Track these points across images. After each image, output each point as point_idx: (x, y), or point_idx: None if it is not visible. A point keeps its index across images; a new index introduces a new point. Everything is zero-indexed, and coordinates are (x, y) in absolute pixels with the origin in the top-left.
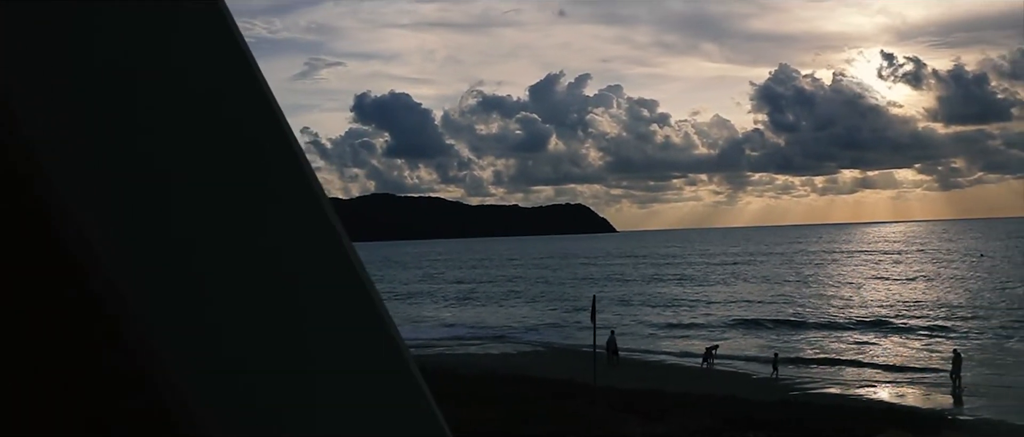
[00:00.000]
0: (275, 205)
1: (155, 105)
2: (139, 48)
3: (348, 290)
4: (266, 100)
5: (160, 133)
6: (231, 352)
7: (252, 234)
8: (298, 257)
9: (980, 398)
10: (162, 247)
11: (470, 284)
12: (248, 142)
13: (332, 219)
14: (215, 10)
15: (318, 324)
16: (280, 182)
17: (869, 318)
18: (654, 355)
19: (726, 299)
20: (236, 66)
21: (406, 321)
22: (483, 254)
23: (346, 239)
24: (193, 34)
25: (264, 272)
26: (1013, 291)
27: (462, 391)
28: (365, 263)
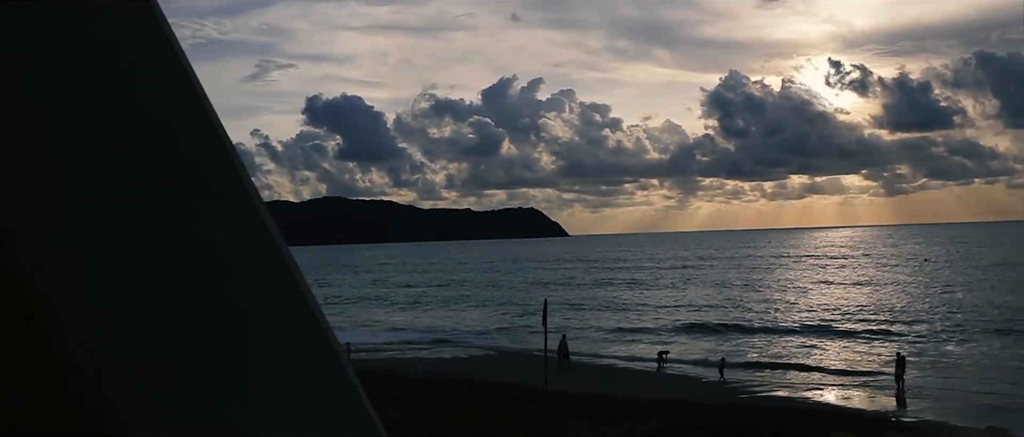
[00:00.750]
0: (207, 204)
1: (84, 104)
2: (68, 47)
3: (281, 290)
4: (198, 100)
5: (89, 132)
6: (160, 352)
7: (183, 233)
8: (230, 256)
9: (923, 400)
10: (90, 247)
11: (421, 288)
12: (180, 141)
13: (265, 219)
14: (147, 10)
15: (250, 324)
16: (212, 181)
17: (815, 322)
18: (605, 359)
19: (675, 303)
20: (168, 66)
21: (356, 325)
22: (435, 258)
23: (279, 238)
24: (124, 33)
25: (195, 272)
26: (954, 295)
27: (412, 394)
28: (315, 267)
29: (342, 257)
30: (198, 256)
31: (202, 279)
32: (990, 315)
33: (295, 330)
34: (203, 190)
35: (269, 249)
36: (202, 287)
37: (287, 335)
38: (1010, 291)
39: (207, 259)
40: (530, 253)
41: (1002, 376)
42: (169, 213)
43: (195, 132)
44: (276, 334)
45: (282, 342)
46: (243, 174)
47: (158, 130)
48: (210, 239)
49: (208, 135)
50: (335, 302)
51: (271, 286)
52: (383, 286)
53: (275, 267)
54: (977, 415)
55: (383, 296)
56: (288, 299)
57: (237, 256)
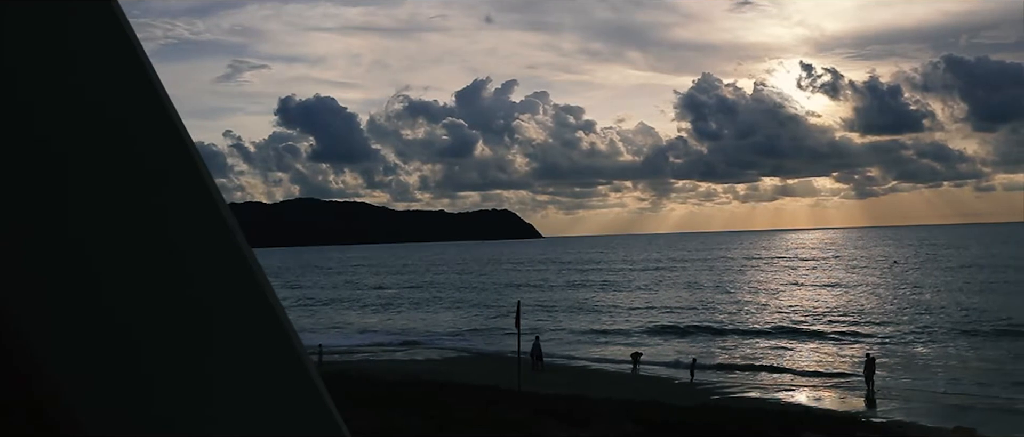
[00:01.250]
0: (168, 205)
1: (43, 104)
2: (27, 46)
3: (243, 290)
4: (159, 100)
5: (47, 132)
6: (120, 354)
7: (143, 234)
8: (192, 257)
9: (892, 400)
10: (50, 247)
11: (394, 289)
12: (140, 141)
13: (228, 219)
14: (107, 10)
15: (212, 325)
16: (174, 181)
17: (786, 324)
18: (578, 361)
19: (648, 305)
20: (128, 65)
21: (329, 327)
22: (408, 259)
23: (242, 239)
24: (84, 33)
25: (156, 272)
26: (923, 297)
27: (385, 396)
28: (287, 268)
29: (315, 259)
30: (159, 257)
31: (163, 280)
32: (958, 316)
33: (257, 331)
34: (164, 190)
35: (231, 250)
36: (163, 288)
37: (249, 336)
38: (977, 293)
39: (168, 260)
40: (504, 255)
41: (969, 377)
42: (130, 213)
43: (156, 132)
44: (238, 335)
45: (244, 343)
46: (205, 174)
47: (118, 130)
48: (171, 239)
49: (169, 135)
50: (307, 304)
51: (233, 286)
52: (356, 288)
53: (237, 268)
54: (945, 415)
55: (356, 298)
56: (250, 299)
57: (198, 256)
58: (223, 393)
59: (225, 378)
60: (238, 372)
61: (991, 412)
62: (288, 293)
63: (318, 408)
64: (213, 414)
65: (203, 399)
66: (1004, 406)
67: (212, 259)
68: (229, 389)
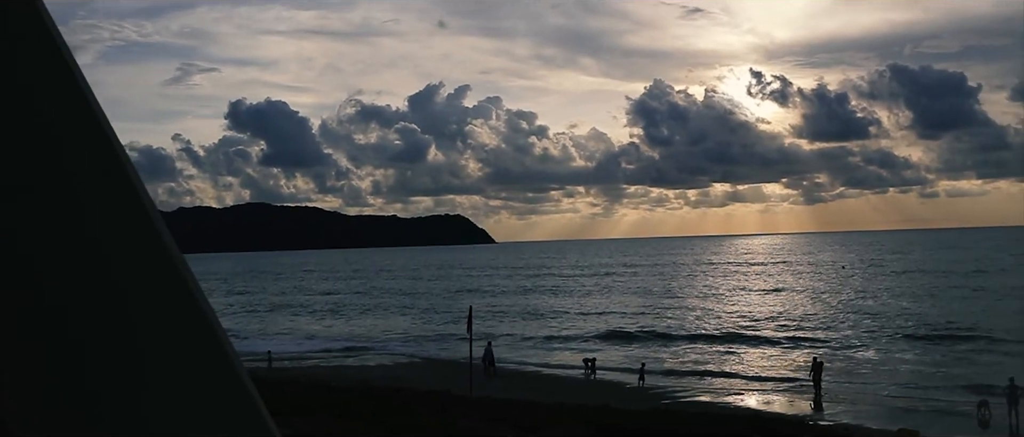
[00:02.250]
0: (95, 208)
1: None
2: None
3: (171, 293)
4: (86, 101)
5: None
6: (45, 357)
7: (69, 237)
8: (117, 260)
9: (839, 404)
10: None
11: (345, 295)
12: (64, 143)
13: (155, 221)
14: (32, 10)
15: (139, 328)
16: (100, 184)
17: (735, 329)
18: (530, 366)
19: (599, 311)
20: (54, 67)
21: (278, 333)
22: (360, 265)
23: (170, 241)
24: (8, 35)
25: (81, 276)
26: (869, 302)
27: (335, 403)
28: (235, 274)
29: (265, 264)
30: (84, 260)
31: (88, 283)
32: (901, 321)
33: (186, 334)
34: (90, 193)
35: (159, 252)
36: (88, 291)
37: (177, 339)
38: (920, 298)
39: (93, 263)
40: (456, 260)
41: (913, 380)
42: (53, 216)
43: (81, 133)
44: (166, 338)
45: (172, 346)
46: (133, 176)
47: (42, 131)
48: (96, 242)
49: (96, 136)
50: (256, 310)
51: (161, 289)
52: (306, 293)
53: (165, 271)
54: (890, 418)
55: (306, 303)
56: (178, 302)
57: (125, 260)
58: (152, 396)
59: (154, 380)
60: (167, 374)
61: (934, 414)
62: (237, 299)
63: (248, 410)
64: (142, 416)
65: (132, 402)
66: (946, 408)
67: (139, 261)
68: (158, 392)
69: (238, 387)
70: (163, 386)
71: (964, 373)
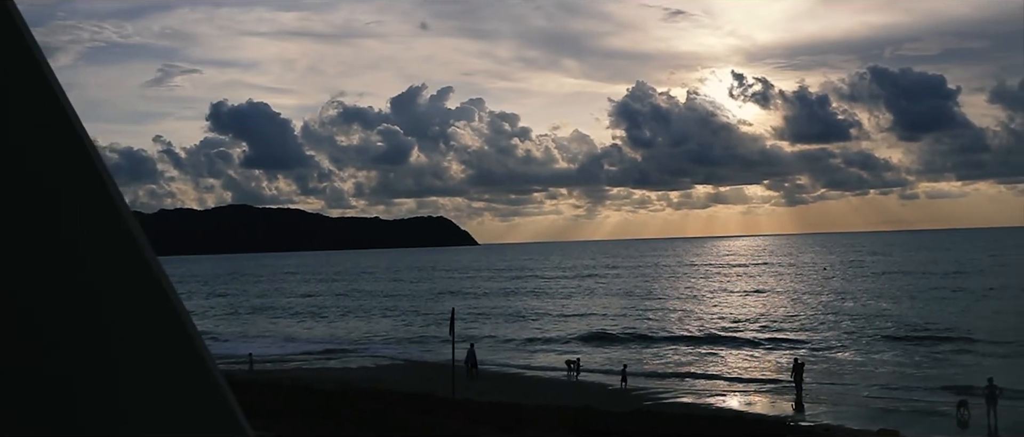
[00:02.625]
0: (67, 209)
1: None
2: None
3: (144, 294)
4: (57, 101)
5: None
6: (15, 358)
7: (41, 238)
8: (91, 261)
9: (820, 404)
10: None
11: (327, 297)
12: (35, 142)
13: (128, 221)
14: (2, 10)
15: (111, 329)
16: (72, 184)
17: (717, 330)
18: (512, 368)
19: (582, 312)
20: (24, 66)
21: (260, 335)
22: (342, 267)
23: (144, 242)
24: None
25: (55, 278)
26: (850, 303)
27: (318, 405)
28: (216, 276)
29: (246, 266)
30: (57, 260)
31: (61, 284)
32: (882, 322)
33: (159, 334)
34: (63, 194)
35: (132, 253)
36: (62, 292)
37: (150, 339)
38: (900, 299)
39: (66, 263)
40: (439, 262)
41: (893, 380)
42: (25, 217)
43: (53, 134)
44: (139, 338)
45: (145, 346)
46: (105, 175)
47: (12, 131)
48: (69, 243)
49: (67, 137)
50: (238, 312)
51: (134, 290)
52: (288, 296)
53: (139, 271)
54: (871, 418)
55: (288, 306)
56: (152, 303)
57: (98, 260)
58: (125, 396)
59: (127, 381)
60: (140, 375)
61: (914, 415)
62: (218, 301)
63: (222, 410)
64: (116, 417)
65: (104, 402)
66: (926, 408)
67: (112, 262)
68: (131, 392)
69: (211, 388)
70: (136, 386)
71: (943, 374)
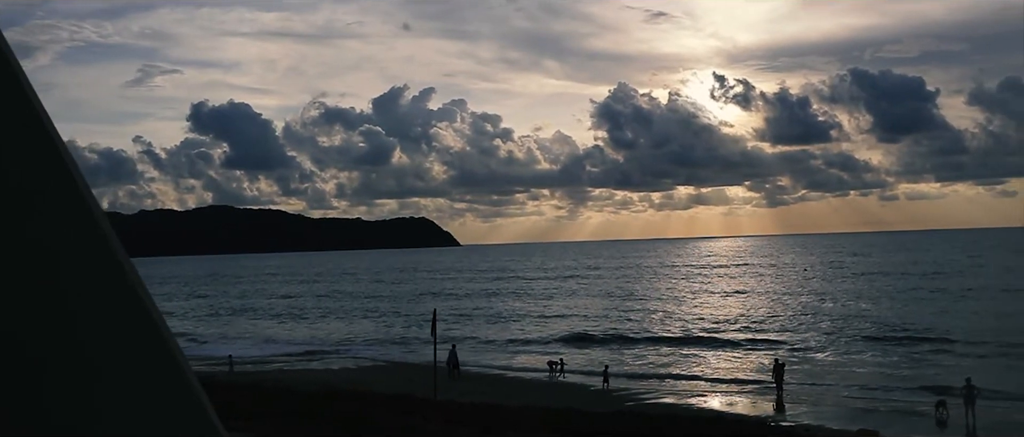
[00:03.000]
0: (36, 207)
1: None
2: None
3: (116, 295)
4: (28, 100)
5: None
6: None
7: (10, 237)
8: (62, 260)
9: (801, 404)
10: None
11: (309, 298)
12: (7, 143)
13: (98, 219)
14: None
15: (82, 329)
16: (43, 184)
17: (699, 331)
18: (494, 369)
19: (563, 313)
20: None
21: (241, 336)
22: (324, 268)
23: (116, 242)
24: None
25: (25, 277)
26: (830, 304)
27: (298, 407)
28: (197, 277)
29: (227, 267)
30: (26, 260)
31: (31, 284)
32: (861, 323)
33: (131, 336)
34: (32, 192)
35: (103, 252)
36: (31, 291)
37: (123, 341)
38: (879, 299)
39: (36, 262)
40: (421, 263)
41: (873, 381)
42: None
43: (23, 133)
44: (110, 337)
45: (116, 345)
46: (78, 177)
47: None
48: (41, 244)
49: (38, 136)
50: (219, 313)
51: (105, 289)
52: (269, 297)
53: (109, 270)
54: (850, 418)
55: (269, 307)
56: (124, 305)
57: (68, 259)
58: (96, 396)
59: (99, 381)
60: (113, 375)
61: (893, 415)
62: (198, 302)
63: (194, 410)
64: (87, 417)
65: (75, 402)
66: (905, 408)
67: (83, 261)
68: (102, 392)
69: (185, 388)
70: (109, 387)
71: (922, 374)
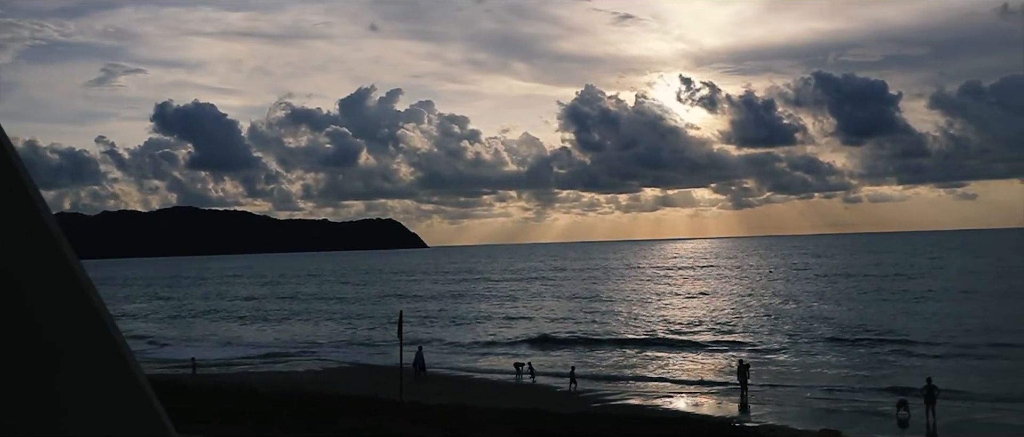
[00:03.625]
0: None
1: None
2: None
3: (65, 297)
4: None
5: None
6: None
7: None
8: (8, 263)
9: (765, 405)
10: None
11: (274, 300)
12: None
13: (48, 223)
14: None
15: (29, 332)
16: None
17: (665, 333)
18: (461, 370)
19: (530, 315)
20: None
21: (204, 338)
22: (289, 269)
23: (65, 244)
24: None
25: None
26: (794, 305)
27: (263, 409)
28: (160, 279)
29: (191, 269)
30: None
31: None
32: (825, 324)
33: (78, 336)
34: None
35: (49, 250)
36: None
37: (70, 341)
38: (842, 301)
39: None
40: (387, 264)
41: (836, 382)
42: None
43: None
44: (57, 339)
45: (64, 348)
46: (24, 176)
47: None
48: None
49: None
50: (183, 315)
51: (52, 291)
52: (233, 299)
53: (56, 268)
54: (814, 418)
55: (233, 309)
56: (71, 304)
57: (15, 261)
58: (44, 396)
59: (46, 381)
60: (59, 375)
61: (855, 415)
62: (160, 304)
63: (144, 410)
64: (32, 418)
65: (23, 402)
66: (867, 409)
67: (28, 259)
68: (50, 392)
69: (133, 388)
70: (55, 387)
71: (884, 374)
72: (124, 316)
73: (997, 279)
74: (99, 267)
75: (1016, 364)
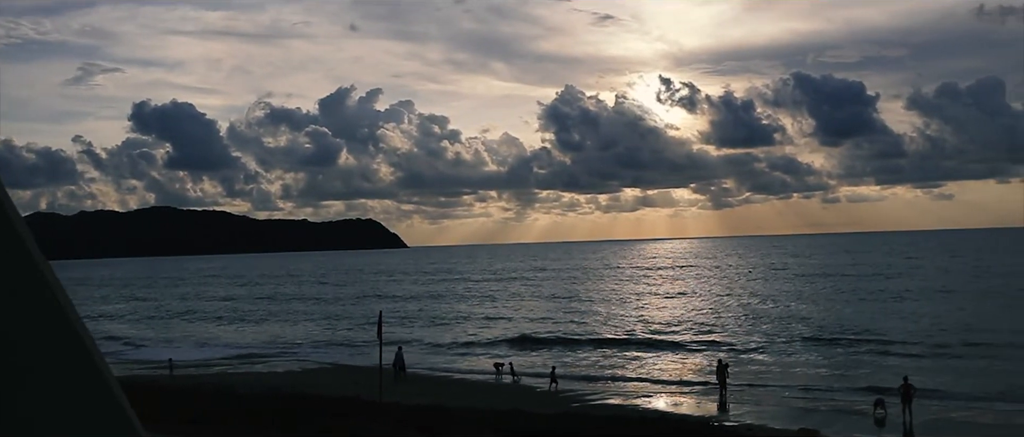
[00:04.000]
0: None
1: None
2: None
3: (32, 296)
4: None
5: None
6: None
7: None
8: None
9: (744, 405)
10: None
11: (253, 300)
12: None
13: (15, 222)
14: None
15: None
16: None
17: (645, 333)
18: (440, 371)
19: (509, 315)
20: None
21: (182, 339)
22: (269, 269)
23: (32, 244)
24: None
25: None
26: (773, 305)
27: (241, 410)
28: (138, 279)
29: (169, 269)
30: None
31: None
32: (803, 324)
33: (46, 337)
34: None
35: (19, 254)
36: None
37: (38, 342)
38: (820, 301)
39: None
40: (367, 264)
41: (814, 381)
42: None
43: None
44: (25, 341)
45: (32, 349)
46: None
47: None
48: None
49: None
50: (161, 316)
51: (19, 290)
52: (212, 299)
53: (25, 272)
54: (792, 417)
55: (212, 310)
56: (39, 304)
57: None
58: (10, 396)
59: (12, 382)
60: (26, 376)
61: (833, 414)
62: (138, 305)
63: (112, 410)
64: (0, 417)
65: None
66: (845, 408)
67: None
68: (16, 392)
69: (101, 388)
70: (21, 387)
71: (861, 374)
72: (101, 317)
73: (973, 279)
74: (76, 268)
75: (991, 363)
